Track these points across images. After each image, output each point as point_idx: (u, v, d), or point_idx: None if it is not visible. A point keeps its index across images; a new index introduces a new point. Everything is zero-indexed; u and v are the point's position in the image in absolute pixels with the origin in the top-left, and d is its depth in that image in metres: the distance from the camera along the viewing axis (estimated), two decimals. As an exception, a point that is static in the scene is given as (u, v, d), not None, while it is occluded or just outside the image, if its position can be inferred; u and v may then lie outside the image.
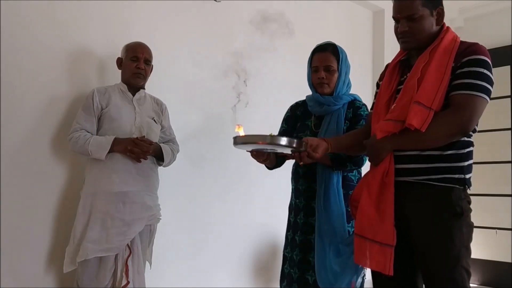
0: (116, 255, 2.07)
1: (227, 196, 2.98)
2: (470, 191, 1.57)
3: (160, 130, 2.32)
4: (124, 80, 2.27)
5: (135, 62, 2.22)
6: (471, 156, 1.57)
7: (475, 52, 1.52)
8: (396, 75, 1.71)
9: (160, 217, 2.28)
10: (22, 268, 2.12)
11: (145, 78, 2.28)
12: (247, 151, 1.87)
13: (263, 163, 1.96)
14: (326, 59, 2.01)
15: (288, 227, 2.11)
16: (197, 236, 2.81)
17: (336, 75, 2.03)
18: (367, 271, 1.83)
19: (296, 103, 2.20)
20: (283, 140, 1.65)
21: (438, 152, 1.52)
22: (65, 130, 2.20)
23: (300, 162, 1.74)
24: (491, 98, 1.56)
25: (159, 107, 2.36)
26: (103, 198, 2.07)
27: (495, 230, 4.08)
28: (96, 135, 2.14)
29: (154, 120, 2.28)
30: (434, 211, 1.51)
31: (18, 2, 2.13)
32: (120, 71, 2.29)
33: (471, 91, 1.48)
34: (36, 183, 2.18)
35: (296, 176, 2.07)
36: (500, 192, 4.12)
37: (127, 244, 2.10)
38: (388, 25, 4.03)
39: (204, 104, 2.89)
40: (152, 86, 2.41)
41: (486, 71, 1.50)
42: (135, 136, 2.13)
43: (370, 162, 1.66)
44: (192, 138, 2.80)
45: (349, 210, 1.82)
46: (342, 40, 2.45)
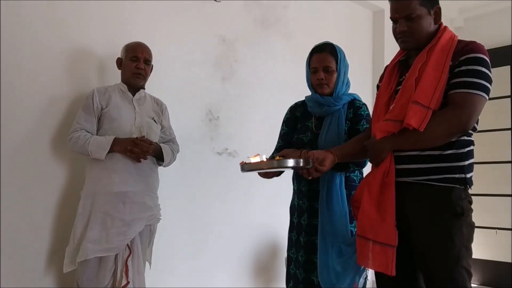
0: (116, 255, 2.07)
1: (227, 196, 2.98)
2: (471, 191, 1.57)
3: (160, 130, 2.32)
4: (124, 80, 2.27)
5: (135, 62, 2.22)
6: (471, 155, 1.57)
7: (472, 51, 1.52)
8: (395, 76, 1.72)
9: (160, 217, 2.28)
10: (22, 268, 2.12)
11: (145, 78, 2.28)
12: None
13: (271, 178, 2.01)
14: (325, 60, 2.01)
15: (291, 228, 2.10)
16: (197, 236, 2.81)
17: (335, 75, 2.03)
18: (369, 272, 1.83)
19: (295, 104, 2.19)
20: (290, 162, 1.69)
21: (438, 152, 1.52)
22: (65, 130, 2.20)
23: (308, 177, 1.77)
24: (491, 98, 1.56)
25: (159, 107, 2.36)
26: (103, 198, 2.07)
27: (495, 230, 4.08)
28: (96, 135, 2.14)
29: (154, 120, 2.28)
30: (434, 211, 1.51)
31: (18, 2, 2.13)
32: (120, 71, 2.29)
33: (469, 90, 1.48)
34: (36, 183, 2.18)
35: (298, 177, 2.06)
36: (500, 192, 4.12)
37: (127, 244, 2.10)
38: (388, 25, 3.99)
39: (204, 103, 2.88)
40: (152, 86, 2.41)
41: (484, 69, 1.50)
42: (135, 136, 2.13)
43: (371, 162, 1.67)
44: (192, 138, 2.81)
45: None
46: (342, 40, 2.45)
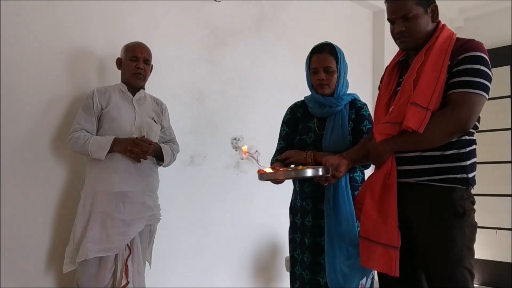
0: (116, 255, 2.07)
1: (227, 196, 2.98)
2: (473, 190, 1.56)
3: (160, 130, 2.32)
4: (124, 80, 2.27)
5: (135, 62, 2.22)
6: (474, 154, 1.56)
7: (471, 49, 1.51)
8: (394, 76, 1.71)
9: (160, 217, 2.28)
10: (22, 268, 2.12)
11: (144, 78, 2.28)
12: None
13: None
14: (325, 60, 2.00)
15: (294, 229, 2.09)
16: (197, 236, 2.81)
17: (335, 75, 2.02)
18: (375, 272, 1.83)
19: (295, 104, 2.18)
20: (309, 172, 1.68)
21: (439, 153, 1.52)
22: (65, 130, 2.20)
23: (325, 184, 1.77)
24: (491, 98, 1.55)
25: (159, 107, 2.36)
26: (103, 198, 2.07)
27: (495, 230, 4.09)
28: (96, 135, 2.14)
29: (154, 120, 2.28)
30: (436, 211, 1.51)
31: (18, 2, 2.13)
32: (120, 71, 2.29)
33: (468, 89, 1.48)
34: (36, 183, 2.18)
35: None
36: (500, 192, 4.12)
37: (127, 244, 2.10)
38: (388, 25, 4.01)
39: (204, 103, 2.88)
40: (152, 86, 2.41)
41: (482, 67, 1.49)
42: (135, 136, 2.13)
43: (373, 164, 1.67)
44: (192, 138, 2.81)
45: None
46: (342, 40, 2.45)
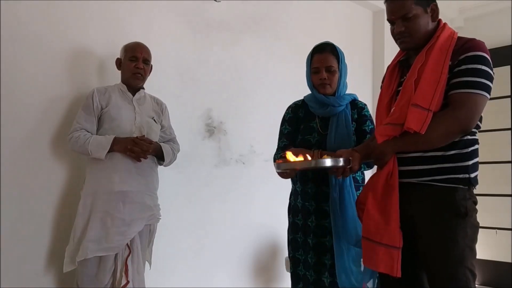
0: (116, 255, 2.07)
1: (227, 196, 2.98)
2: (475, 190, 1.56)
3: (160, 129, 2.32)
4: (124, 80, 2.27)
5: (134, 62, 2.22)
6: (476, 154, 1.56)
7: (472, 49, 1.51)
8: (395, 76, 1.71)
9: (160, 217, 2.28)
10: (22, 268, 2.12)
11: (144, 78, 2.28)
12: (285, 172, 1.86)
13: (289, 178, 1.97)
14: (327, 60, 2.00)
15: (295, 229, 2.08)
16: (197, 236, 2.81)
17: (337, 75, 2.02)
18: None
19: (295, 103, 2.17)
20: (328, 162, 1.62)
21: (441, 153, 1.52)
22: (65, 130, 2.20)
23: (339, 176, 1.72)
24: (491, 98, 1.54)
25: (159, 107, 2.36)
26: (103, 197, 2.07)
27: (495, 230, 4.09)
28: (96, 135, 2.14)
29: (154, 120, 2.28)
30: (438, 211, 1.51)
31: (18, 2, 2.13)
32: (119, 71, 2.29)
33: (469, 89, 1.47)
34: (36, 183, 2.17)
35: (304, 178, 2.04)
36: (500, 192, 4.12)
37: (127, 244, 2.10)
38: (388, 25, 4.01)
39: (203, 104, 2.88)
40: (151, 85, 2.41)
41: (484, 67, 1.49)
42: (135, 136, 2.13)
43: (375, 164, 1.67)
44: (192, 138, 2.81)
45: None
46: (342, 40, 2.45)
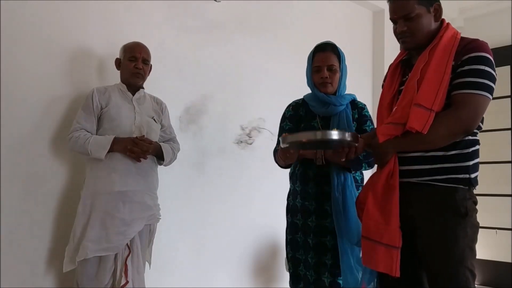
0: (116, 255, 2.07)
1: (227, 196, 2.98)
2: (476, 190, 1.56)
3: (160, 129, 2.32)
4: (123, 80, 2.27)
5: (133, 62, 2.22)
6: (477, 155, 1.56)
7: (475, 49, 1.50)
8: (397, 76, 1.71)
9: (160, 216, 2.28)
10: (22, 268, 2.12)
11: (143, 78, 2.28)
12: (291, 150, 1.77)
13: (291, 162, 1.93)
14: (329, 59, 2.01)
15: (294, 229, 2.07)
16: (197, 236, 2.81)
17: (338, 74, 2.03)
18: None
19: (296, 102, 2.17)
20: (335, 134, 1.55)
21: (441, 153, 1.52)
22: (65, 130, 2.20)
23: (343, 159, 1.66)
24: (492, 98, 1.55)
25: (159, 106, 2.36)
26: (103, 197, 2.07)
27: (495, 230, 4.09)
28: (96, 134, 2.14)
29: (154, 120, 2.28)
30: (438, 211, 1.51)
31: (18, 2, 2.13)
32: (119, 71, 2.29)
33: (472, 90, 1.47)
34: (36, 183, 2.17)
35: (304, 178, 2.04)
36: (500, 192, 4.12)
37: (127, 244, 2.10)
38: (388, 25, 4.00)
39: (204, 103, 2.88)
40: (151, 85, 2.41)
41: (487, 68, 1.49)
42: (135, 135, 2.13)
43: (376, 163, 1.67)
44: (192, 138, 2.81)
45: None
46: (342, 40, 2.45)
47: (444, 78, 1.49)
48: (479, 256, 1.58)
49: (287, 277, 2.14)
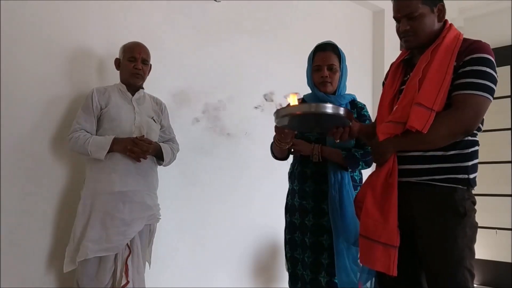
0: (116, 255, 2.07)
1: (227, 196, 2.98)
2: (475, 190, 1.56)
3: (160, 129, 2.32)
4: (123, 80, 2.27)
5: (133, 63, 2.22)
6: (476, 155, 1.56)
7: (477, 50, 1.51)
8: (399, 75, 1.71)
9: (160, 216, 2.28)
10: (22, 268, 2.12)
11: (143, 78, 2.28)
12: (282, 129, 1.75)
13: (284, 147, 1.90)
14: (329, 58, 2.02)
15: (293, 228, 2.08)
16: (197, 236, 2.81)
17: (338, 74, 2.03)
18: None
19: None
20: (329, 108, 1.54)
21: (441, 153, 1.52)
22: (65, 130, 2.20)
23: (337, 140, 1.66)
24: (491, 98, 1.55)
25: (159, 107, 2.36)
26: (103, 197, 2.07)
27: (495, 230, 4.09)
28: (96, 135, 2.14)
29: (154, 120, 2.28)
30: (437, 211, 1.51)
31: (18, 2, 2.13)
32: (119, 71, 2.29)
33: (473, 91, 1.47)
34: (36, 183, 2.17)
35: (302, 177, 2.05)
36: (500, 192, 4.12)
37: (127, 244, 2.10)
38: (388, 25, 4.03)
39: (203, 104, 2.88)
40: (151, 85, 2.41)
41: (488, 70, 1.49)
42: (134, 135, 2.13)
43: (375, 162, 1.67)
44: (192, 138, 2.81)
45: None
46: (342, 40, 2.45)
47: (445, 78, 1.50)
48: (479, 256, 1.58)
49: (287, 277, 2.14)
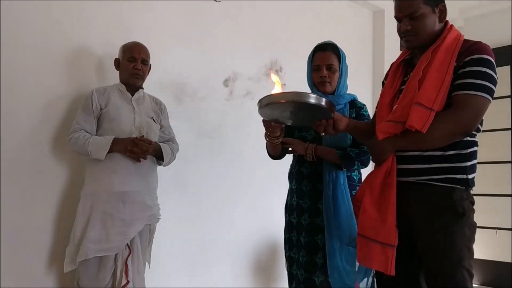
0: (116, 255, 2.07)
1: (228, 197, 2.98)
2: (474, 190, 1.56)
3: (160, 129, 2.32)
4: (122, 80, 2.27)
5: (132, 63, 2.22)
6: (475, 156, 1.56)
7: (477, 51, 1.51)
8: (399, 75, 1.71)
9: (160, 216, 2.28)
10: (22, 268, 2.12)
11: (143, 78, 2.28)
12: (269, 123, 1.77)
13: (275, 142, 1.89)
14: (328, 58, 2.02)
15: (290, 228, 2.09)
16: (197, 236, 2.81)
17: (337, 74, 2.03)
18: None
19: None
20: (312, 98, 1.52)
21: (440, 153, 1.52)
22: (65, 130, 2.20)
23: (322, 133, 1.67)
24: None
25: (158, 107, 2.36)
26: (103, 198, 2.07)
27: (495, 230, 4.09)
28: (96, 135, 2.14)
29: (153, 120, 2.28)
30: (435, 211, 1.51)
31: (18, 2, 2.13)
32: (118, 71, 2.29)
33: (473, 91, 1.47)
34: (36, 183, 2.18)
35: (299, 176, 2.05)
36: (500, 192, 4.12)
37: (127, 244, 2.10)
38: (388, 25, 4.03)
39: (203, 104, 2.88)
40: (151, 85, 2.41)
41: (488, 71, 1.49)
42: (134, 136, 2.13)
43: (373, 162, 1.67)
44: (192, 138, 2.80)
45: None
46: (342, 40, 2.44)
47: (445, 79, 1.50)
48: (479, 256, 1.58)
49: (286, 277, 2.14)
